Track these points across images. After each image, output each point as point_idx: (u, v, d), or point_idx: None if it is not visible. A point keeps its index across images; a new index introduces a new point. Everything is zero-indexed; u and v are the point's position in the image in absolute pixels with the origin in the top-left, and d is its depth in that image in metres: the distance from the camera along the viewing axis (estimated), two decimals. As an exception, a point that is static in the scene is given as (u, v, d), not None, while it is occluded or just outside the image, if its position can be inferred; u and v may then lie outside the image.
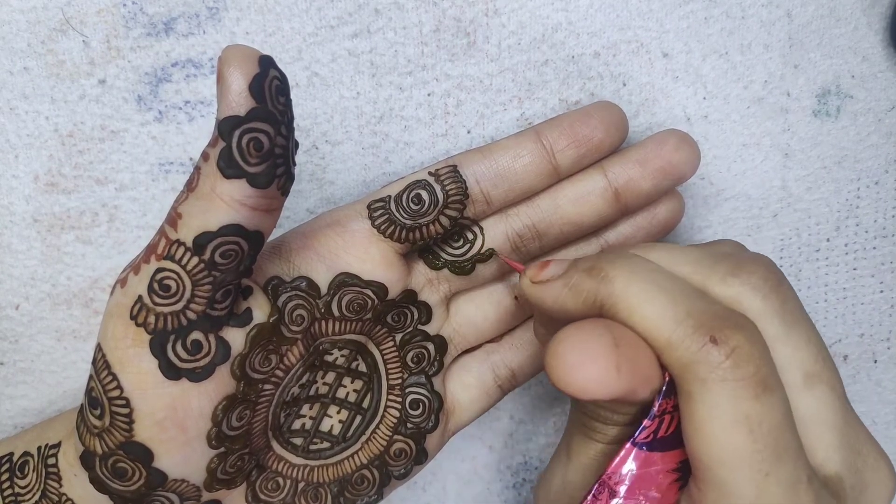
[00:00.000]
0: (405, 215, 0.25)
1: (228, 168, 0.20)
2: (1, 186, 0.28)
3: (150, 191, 0.28)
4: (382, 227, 0.25)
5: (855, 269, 0.32)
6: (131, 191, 0.28)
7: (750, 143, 0.30)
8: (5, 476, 0.25)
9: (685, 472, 0.21)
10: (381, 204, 0.25)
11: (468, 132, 0.29)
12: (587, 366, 0.19)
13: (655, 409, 0.20)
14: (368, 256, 0.25)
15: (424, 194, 0.25)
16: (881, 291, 0.32)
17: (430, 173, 0.25)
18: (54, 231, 0.28)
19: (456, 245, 0.26)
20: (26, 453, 0.25)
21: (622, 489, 0.20)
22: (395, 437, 0.27)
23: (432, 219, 0.25)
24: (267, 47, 0.28)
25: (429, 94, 0.29)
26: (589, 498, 0.20)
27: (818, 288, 0.32)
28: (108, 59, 0.27)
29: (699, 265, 0.22)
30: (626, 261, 0.21)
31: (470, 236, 0.26)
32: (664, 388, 0.20)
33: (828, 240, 0.31)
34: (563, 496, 0.24)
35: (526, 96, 0.29)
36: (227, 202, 0.20)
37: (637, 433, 0.20)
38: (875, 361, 0.33)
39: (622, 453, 0.20)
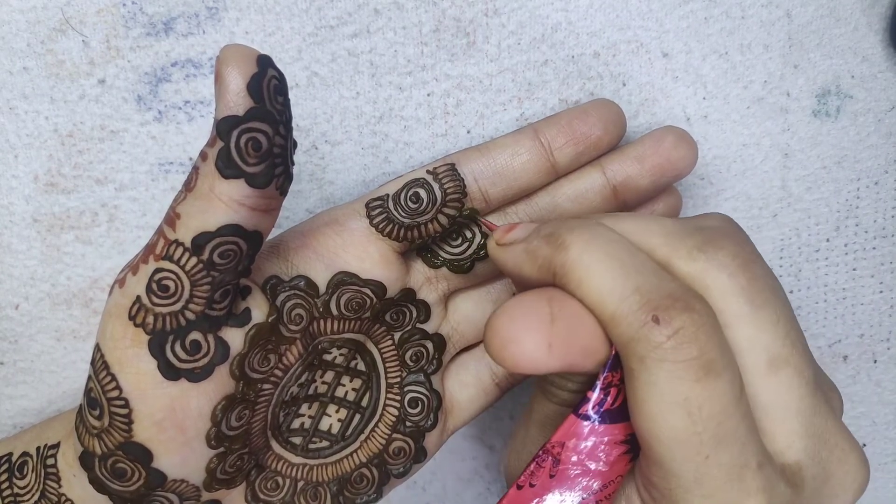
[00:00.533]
0: (403, 214, 0.25)
1: (227, 168, 0.20)
2: (1, 186, 0.28)
3: (150, 191, 0.28)
4: (381, 226, 0.25)
5: (855, 270, 0.32)
6: (131, 191, 0.28)
7: (750, 143, 0.30)
8: (4, 476, 0.25)
9: (634, 445, 0.20)
10: (379, 202, 0.25)
11: (468, 132, 0.29)
12: (519, 341, 0.19)
13: (600, 381, 0.20)
14: (367, 255, 0.25)
15: (423, 193, 0.25)
16: (881, 291, 0.32)
17: (428, 172, 0.25)
18: (54, 231, 0.28)
19: (454, 243, 0.27)
20: (25, 454, 0.25)
21: (565, 457, 0.20)
22: (394, 435, 0.27)
23: (430, 217, 0.25)
24: (266, 47, 0.28)
25: (428, 94, 0.29)
26: (532, 465, 0.20)
27: (818, 288, 0.32)
28: (108, 59, 0.27)
29: (669, 237, 0.21)
30: (586, 230, 0.21)
31: (468, 235, 0.26)
32: (610, 361, 0.20)
33: (828, 240, 0.31)
34: (523, 452, 0.24)
35: (526, 96, 0.29)
36: (225, 202, 0.20)
37: (580, 404, 0.20)
38: (875, 361, 0.33)
39: (565, 423, 0.20)
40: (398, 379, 0.27)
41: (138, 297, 0.21)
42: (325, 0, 0.28)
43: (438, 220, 0.25)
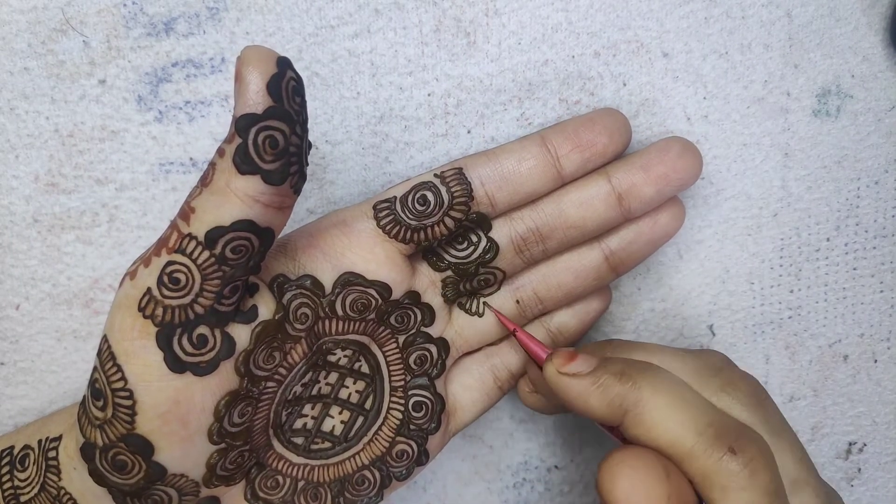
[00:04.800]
0: (410, 216, 0.25)
1: (244, 164, 0.20)
2: (1, 186, 0.28)
3: (150, 191, 0.28)
4: (388, 228, 0.25)
5: (855, 269, 0.32)
6: (131, 191, 0.28)
7: (750, 143, 0.30)
8: (6, 469, 0.25)
9: None
10: (386, 204, 0.25)
11: (468, 132, 0.29)
12: (642, 491, 0.21)
13: None
14: (373, 256, 0.25)
15: (430, 195, 0.25)
16: (881, 291, 0.32)
17: (435, 175, 0.25)
18: (54, 231, 0.28)
19: (460, 247, 0.27)
20: (27, 446, 0.25)
21: None
22: (398, 438, 0.27)
23: (437, 220, 0.25)
24: (261, 45, 0.28)
25: (429, 94, 0.29)
26: None
27: (818, 288, 0.32)
28: (109, 60, 0.27)
29: (696, 376, 0.24)
30: (653, 371, 0.23)
31: (474, 239, 0.26)
32: None
33: (828, 239, 0.31)
34: None
35: (526, 96, 0.29)
36: (240, 198, 0.20)
37: None
38: (875, 361, 0.33)
39: None
40: (402, 382, 0.27)
41: (149, 289, 0.21)
42: (326, 0, 0.28)
43: (445, 223, 0.25)
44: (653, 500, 0.20)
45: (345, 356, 0.26)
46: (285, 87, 0.20)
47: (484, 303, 0.28)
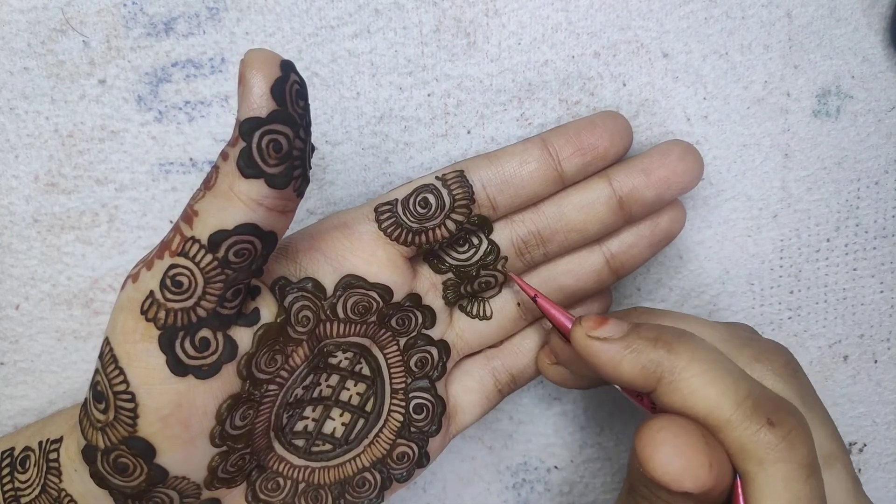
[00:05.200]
0: (412, 219, 0.25)
1: (248, 167, 0.20)
2: (1, 186, 0.28)
3: (150, 191, 0.28)
4: (389, 230, 0.25)
5: (855, 270, 0.32)
6: (131, 191, 0.28)
7: (750, 144, 0.30)
8: (6, 471, 0.25)
9: None
10: (388, 207, 0.25)
11: (468, 132, 0.29)
12: (685, 458, 0.20)
13: (742, 496, 0.21)
14: (374, 259, 0.25)
15: (431, 198, 0.25)
16: (881, 292, 0.32)
17: (437, 177, 0.25)
18: (54, 231, 0.28)
19: (461, 250, 0.27)
20: (27, 448, 0.25)
21: None
22: (399, 440, 0.27)
23: (438, 223, 0.25)
24: (267, 48, 0.28)
25: (429, 95, 0.29)
26: None
27: (818, 288, 0.32)
28: (108, 60, 0.27)
29: (729, 345, 0.24)
30: (689, 338, 0.22)
31: (475, 241, 0.26)
32: (738, 485, 0.21)
33: (828, 240, 0.31)
34: None
35: (526, 96, 0.29)
36: (244, 201, 0.20)
37: None
38: (875, 361, 0.33)
39: None
40: (403, 385, 0.27)
41: (151, 292, 0.21)
42: (326, 0, 0.28)
43: (446, 225, 0.25)
44: (695, 467, 0.20)
45: (346, 358, 0.26)
46: (289, 90, 0.20)
47: (503, 270, 0.27)
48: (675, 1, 0.28)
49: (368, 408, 0.27)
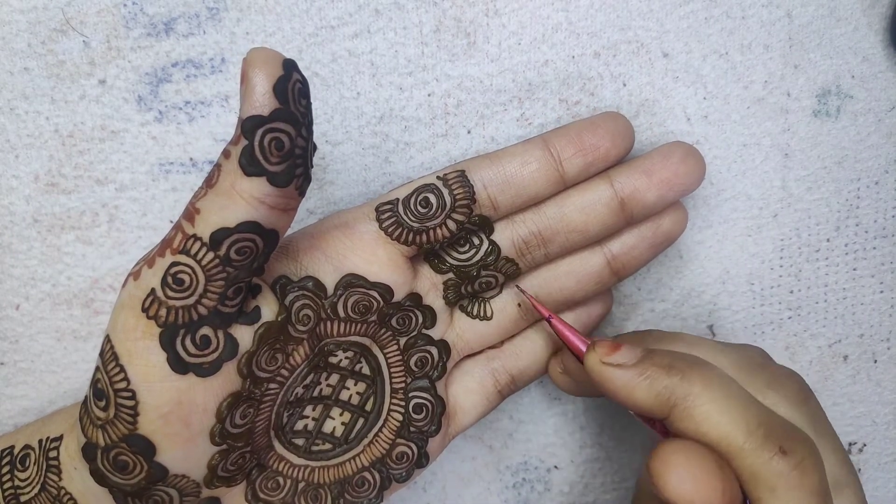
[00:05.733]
0: (413, 218, 0.25)
1: (250, 166, 0.20)
2: (1, 186, 0.28)
3: (150, 191, 0.28)
4: (390, 230, 0.25)
5: (855, 270, 0.32)
6: (131, 191, 0.28)
7: (750, 143, 0.30)
8: (6, 469, 0.25)
9: None
10: (389, 206, 0.25)
11: (468, 132, 0.29)
12: (698, 482, 0.21)
13: None
14: (375, 258, 0.25)
15: (432, 198, 0.25)
16: (881, 292, 0.32)
17: (438, 177, 0.25)
18: (54, 231, 0.28)
19: (462, 249, 0.27)
20: (27, 446, 0.25)
21: None
22: (398, 440, 0.27)
23: (439, 222, 0.25)
24: (267, 47, 0.28)
25: (429, 95, 0.29)
26: None
27: (818, 288, 0.32)
28: (109, 60, 0.27)
29: (741, 372, 0.24)
30: (703, 365, 0.23)
31: (476, 241, 0.26)
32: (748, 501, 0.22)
33: (828, 240, 0.31)
34: None
35: (526, 96, 0.29)
36: (246, 199, 0.20)
37: None
38: (875, 361, 0.33)
39: None
40: (403, 384, 0.27)
41: (153, 290, 0.21)
42: (326, 0, 0.28)
43: (447, 225, 0.25)
44: (707, 491, 0.20)
45: (346, 358, 0.26)
46: (291, 89, 0.20)
47: (517, 286, 0.27)
48: (675, 1, 0.28)
49: (368, 407, 0.27)
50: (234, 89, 0.28)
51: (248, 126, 0.20)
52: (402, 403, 0.27)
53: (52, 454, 0.24)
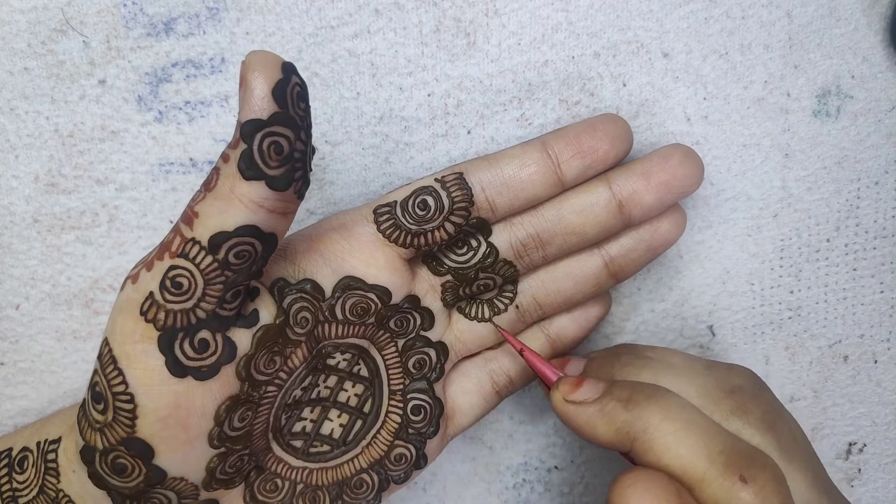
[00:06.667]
0: (411, 221, 0.25)
1: (248, 169, 0.20)
2: (1, 186, 0.28)
3: (150, 191, 0.28)
4: (388, 232, 0.25)
5: (855, 270, 0.32)
6: (131, 191, 0.28)
7: (750, 144, 0.30)
8: (4, 471, 0.25)
9: None
10: (387, 209, 0.25)
11: (468, 132, 0.29)
12: None
13: None
14: (373, 260, 0.25)
15: (430, 200, 0.25)
16: (881, 292, 0.32)
17: (436, 180, 0.25)
18: (54, 231, 0.28)
19: (459, 252, 0.27)
20: (25, 448, 0.25)
21: None
22: (396, 442, 0.27)
23: (437, 225, 0.25)
24: (267, 48, 0.28)
25: (429, 95, 0.29)
26: None
27: (818, 288, 0.32)
28: (108, 60, 0.27)
29: (707, 398, 0.24)
30: (660, 396, 0.23)
31: (473, 243, 0.26)
32: None
33: (828, 240, 0.31)
34: None
35: (526, 97, 0.29)
36: (244, 203, 0.20)
37: None
38: (875, 362, 0.33)
39: None
40: (401, 386, 0.27)
41: (151, 294, 0.21)
42: (326, 0, 0.28)
43: (445, 227, 0.25)
44: None
45: (344, 360, 0.26)
46: (290, 92, 0.20)
47: (492, 321, 0.28)
48: (675, 1, 0.28)
49: (366, 409, 0.27)
50: (233, 89, 0.28)
51: (247, 130, 0.20)
52: (401, 405, 0.27)
53: (51, 456, 0.24)
